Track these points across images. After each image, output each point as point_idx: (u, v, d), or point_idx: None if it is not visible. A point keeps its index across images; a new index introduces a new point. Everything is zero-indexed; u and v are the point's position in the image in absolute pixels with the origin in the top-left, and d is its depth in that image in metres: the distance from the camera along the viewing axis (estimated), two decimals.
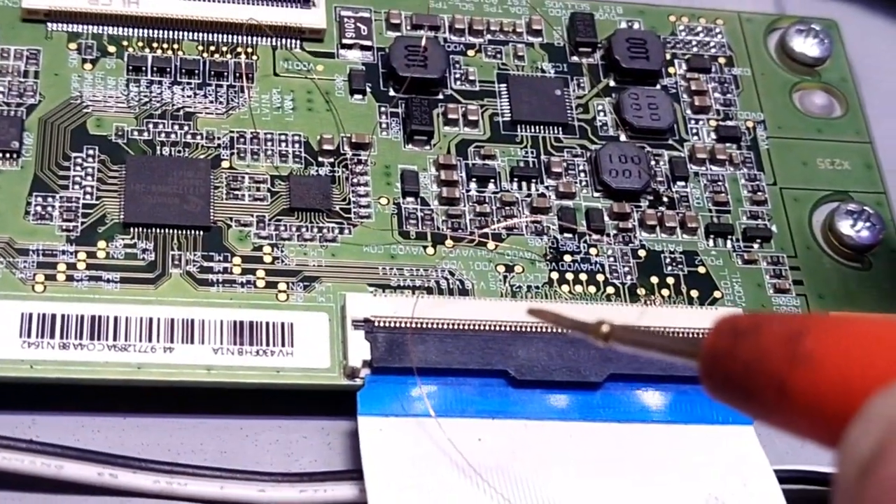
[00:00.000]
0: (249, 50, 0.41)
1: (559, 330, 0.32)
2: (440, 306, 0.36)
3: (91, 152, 0.38)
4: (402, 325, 0.36)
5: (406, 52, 0.41)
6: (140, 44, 0.40)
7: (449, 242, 0.38)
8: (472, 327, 0.36)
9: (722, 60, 0.44)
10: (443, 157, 0.40)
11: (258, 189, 0.38)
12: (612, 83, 0.43)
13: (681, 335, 0.37)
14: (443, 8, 0.43)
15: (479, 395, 0.36)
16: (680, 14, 0.45)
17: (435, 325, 0.36)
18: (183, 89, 0.40)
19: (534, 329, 0.36)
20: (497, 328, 0.36)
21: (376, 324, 0.36)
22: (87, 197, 0.37)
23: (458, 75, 0.42)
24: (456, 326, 0.36)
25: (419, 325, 0.36)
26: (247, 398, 0.36)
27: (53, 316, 0.35)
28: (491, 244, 0.39)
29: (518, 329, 0.36)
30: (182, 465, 0.34)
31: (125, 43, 0.40)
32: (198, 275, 0.36)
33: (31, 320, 0.34)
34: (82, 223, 0.36)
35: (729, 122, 0.43)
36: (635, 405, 0.36)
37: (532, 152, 0.41)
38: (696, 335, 0.36)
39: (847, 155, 0.43)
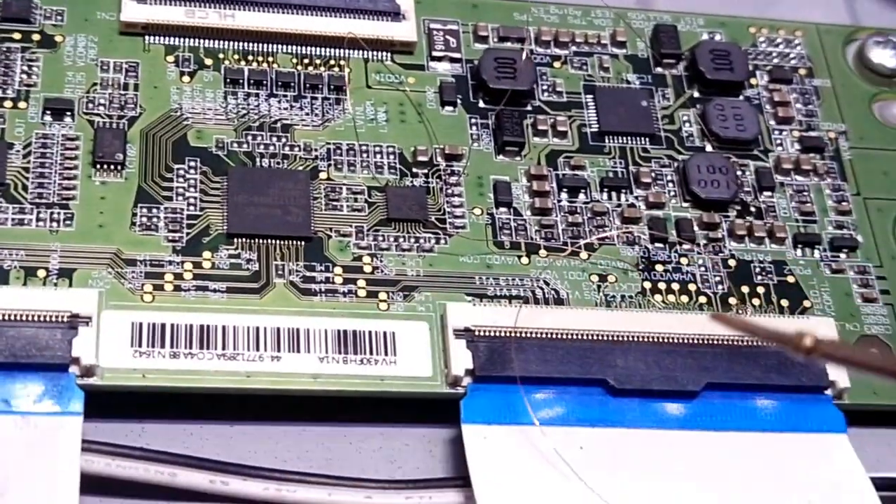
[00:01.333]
0: (343, 62, 0.41)
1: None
2: (540, 316, 0.37)
3: (193, 164, 0.38)
4: (503, 334, 0.36)
5: (496, 65, 0.42)
6: (236, 56, 0.41)
7: (543, 252, 0.39)
8: (570, 336, 0.37)
9: (802, 72, 0.45)
10: (534, 167, 0.40)
11: (356, 200, 0.39)
12: (696, 94, 0.43)
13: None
14: (528, 20, 0.44)
15: (579, 404, 0.36)
16: (760, 26, 0.45)
17: (534, 335, 0.37)
18: (279, 101, 0.40)
19: (631, 338, 0.37)
20: (595, 337, 0.37)
21: (477, 333, 0.36)
22: (191, 208, 0.38)
23: (545, 87, 0.42)
24: (555, 336, 0.37)
25: (519, 335, 0.36)
26: (350, 406, 0.36)
27: (163, 325, 0.35)
28: (584, 254, 0.39)
29: (616, 339, 0.37)
30: (291, 473, 0.35)
31: (221, 56, 0.41)
32: (301, 284, 0.37)
33: (142, 330, 0.35)
34: (187, 234, 0.37)
35: (812, 133, 0.43)
36: (731, 414, 0.37)
37: (620, 163, 0.41)
38: None
39: None
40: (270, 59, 0.41)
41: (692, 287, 0.39)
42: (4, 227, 0.36)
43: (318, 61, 0.41)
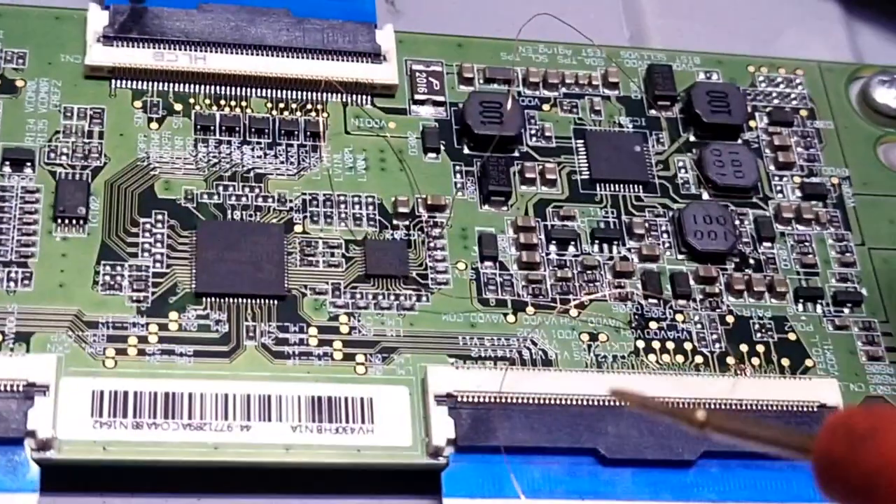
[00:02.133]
0: (319, 107, 0.39)
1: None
2: (526, 380, 0.35)
3: (160, 217, 0.36)
4: (488, 400, 0.34)
5: (481, 109, 0.39)
6: (207, 101, 0.39)
7: (530, 310, 0.37)
8: (559, 402, 0.35)
9: (804, 113, 0.42)
10: (521, 218, 0.38)
11: (332, 255, 0.37)
12: (692, 138, 0.41)
13: (786, 426, 0.35)
14: (516, 60, 0.42)
15: (569, 475, 0.34)
16: (759, 64, 0.43)
17: (520, 400, 0.34)
18: (253, 149, 0.38)
19: (623, 404, 0.35)
20: (585, 403, 0.35)
21: (459, 399, 0.34)
22: (158, 265, 0.36)
23: (533, 131, 0.40)
24: (542, 401, 0.35)
25: (504, 400, 0.34)
26: (326, 477, 0.34)
27: (126, 393, 0.33)
28: (574, 311, 0.37)
29: (607, 403, 0.35)
30: None
31: (192, 101, 0.39)
32: (273, 347, 0.35)
33: (103, 398, 0.33)
34: (153, 293, 0.35)
35: (814, 179, 0.41)
36: (731, 484, 0.35)
37: (612, 212, 0.39)
38: (804, 430, 0.34)
39: None
40: (244, 103, 0.39)
41: (688, 346, 0.37)
42: None
43: (293, 106, 0.39)
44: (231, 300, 0.35)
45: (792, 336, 0.38)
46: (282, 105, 0.39)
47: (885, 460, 0.23)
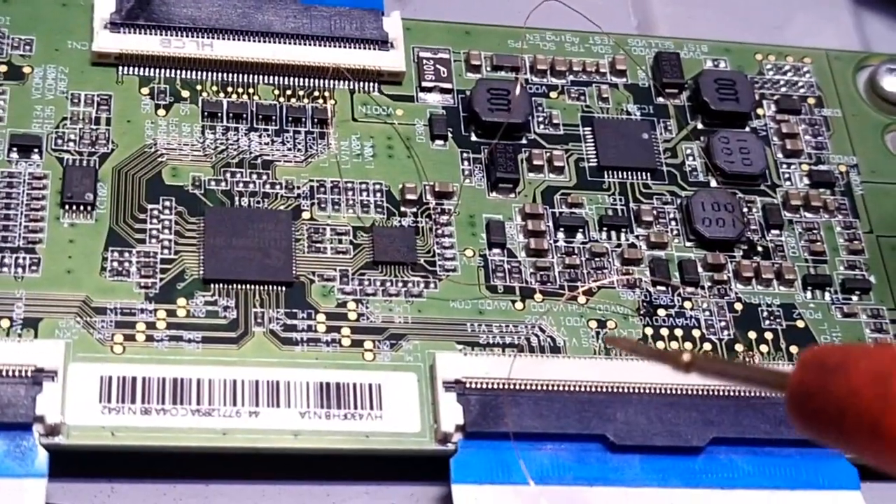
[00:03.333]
0: (327, 94, 0.39)
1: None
2: (535, 366, 0.35)
3: (168, 204, 0.36)
4: (496, 386, 0.34)
5: (489, 96, 0.39)
6: (214, 88, 0.39)
7: (538, 297, 0.37)
8: (567, 389, 0.35)
9: (811, 101, 0.42)
10: (529, 205, 0.38)
11: (340, 241, 0.37)
12: (699, 125, 0.41)
13: (764, 367, 0.36)
14: (523, 48, 0.41)
15: (577, 461, 0.34)
16: (767, 52, 0.43)
17: (529, 387, 0.34)
18: (260, 136, 0.38)
19: (632, 390, 0.35)
20: (594, 389, 0.35)
21: (468, 385, 0.34)
22: (165, 251, 0.35)
23: (541, 118, 0.40)
24: (551, 388, 0.34)
25: (513, 387, 0.34)
26: (334, 462, 0.34)
27: (134, 379, 0.33)
28: (582, 298, 0.37)
29: (615, 390, 0.35)
30: None
31: (199, 87, 0.38)
32: (281, 333, 0.35)
33: (111, 384, 0.33)
34: (161, 279, 0.35)
35: (822, 167, 0.41)
36: (739, 470, 0.35)
37: (620, 199, 0.39)
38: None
39: None
40: (251, 90, 0.39)
41: (696, 333, 0.37)
42: None
43: (301, 93, 0.39)
44: (239, 286, 0.35)
45: (800, 323, 0.38)
46: (289, 92, 0.39)
47: (853, 389, 0.24)
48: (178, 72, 0.39)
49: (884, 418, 0.24)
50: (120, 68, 0.38)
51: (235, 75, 0.39)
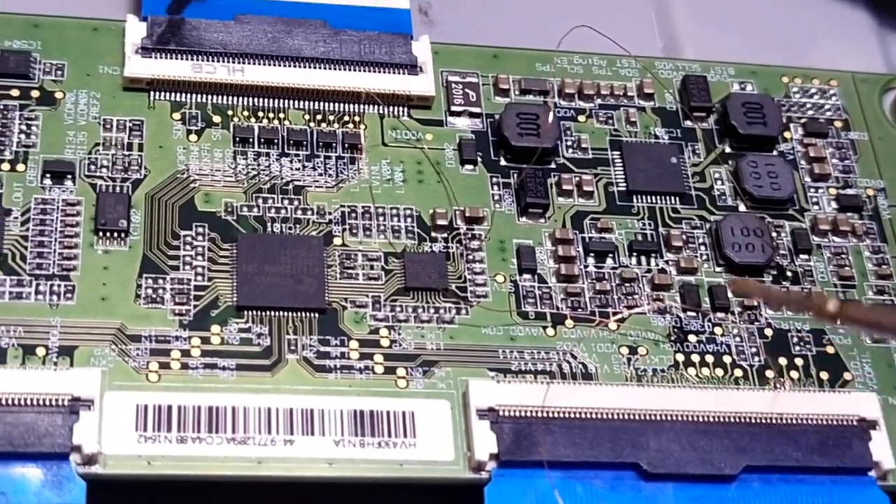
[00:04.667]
0: (357, 118, 0.39)
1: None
2: (567, 394, 0.35)
3: (201, 230, 0.36)
4: (530, 414, 0.34)
5: (518, 121, 0.39)
6: (245, 113, 0.39)
7: (569, 322, 0.37)
8: (600, 416, 0.35)
9: (838, 124, 0.42)
10: (559, 230, 0.38)
11: (372, 267, 0.37)
12: (727, 149, 0.41)
13: None
14: (551, 71, 0.42)
15: (611, 489, 0.34)
16: (793, 75, 0.43)
17: (562, 415, 0.35)
18: (291, 161, 0.38)
19: (664, 417, 0.35)
20: (626, 417, 0.35)
21: (501, 413, 0.34)
22: (199, 278, 0.36)
23: (569, 142, 0.40)
24: (584, 416, 0.35)
25: (546, 415, 0.34)
26: (367, 490, 0.34)
27: (169, 407, 0.33)
28: (613, 324, 0.37)
29: (648, 418, 0.35)
30: None
31: (230, 112, 0.39)
32: (315, 360, 0.35)
33: (147, 412, 0.33)
34: (195, 306, 0.35)
35: (849, 191, 0.41)
36: (771, 499, 0.35)
37: (650, 224, 0.39)
38: None
39: None
40: (282, 115, 0.39)
41: (727, 359, 0.37)
42: (1, 301, 0.34)
43: (331, 117, 0.39)
44: (272, 313, 0.35)
45: (830, 349, 0.38)
46: (319, 117, 0.39)
47: None
48: (210, 97, 0.39)
49: None
50: (151, 93, 0.38)
51: (266, 100, 0.39)
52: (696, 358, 0.37)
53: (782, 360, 0.37)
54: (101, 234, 0.36)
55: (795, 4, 0.47)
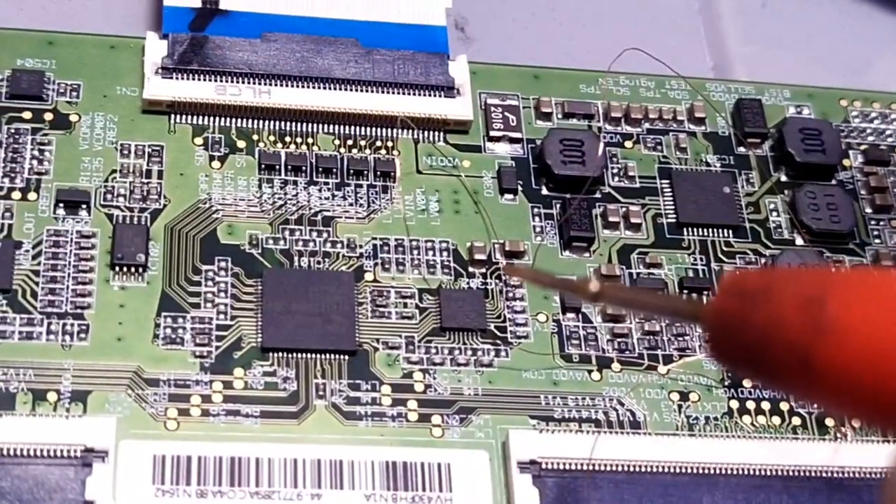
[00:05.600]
0: (390, 144, 0.37)
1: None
2: (615, 445, 0.32)
3: (223, 264, 0.34)
4: (574, 467, 0.32)
5: (561, 147, 0.37)
6: (272, 138, 0.36)
7: (616, 366, 0.35)
8: (650, 469, 0.32)
9: None
10: (605, 265, 0.36)
11: (405, 305, 0.34)
12: (783, 178, 0.39)
13: (676, 295, 0.36)
14: (595, 93, 0.39)
15: None
16: (852, 98, 0.41)
17: (609, 468, 0.32)
18: (320, 190, 0.36)
19: (718, 471, 0.33)
20: (678, 470, 0.32)
21: (544, 466, 0.32)
22: (221, 317, 0.33)
23: (615, 170, 0.38)
24: (633, 469, 0.32)
25: (592, 468, 0.32)
26: None
27: (189, 458, 0.31)
28: (662, 369, 0.35)
29: (702, 471, 0.32)
30: None
31: (255, 137, 0.36)
32: (344, 407, 0.33)
33: (165, 463, 0.31)
34: (216, 347, 0.33)
35: None
36: None
37: (702, 259, 0.37)
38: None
39: None
40: (310, 140, 0.37)
41: (784, 406, 0.35)
42: (11, 341, 0.32)
43: (362, 143, 0.37)
44: (299, 356, 0.33)
45: None
46: (350, 142, 0.37)
47: (779, 318, 0.22)
48: (234, 120, 0.36)
49: (814, 347, 0.21)
50: (172, 116, 0.36)
51: (294, 124, 0.37)
52: (751, 405, 0.35)
53: None
54: (117, 268, 0.33)
55: (852, 20, 0.44)
